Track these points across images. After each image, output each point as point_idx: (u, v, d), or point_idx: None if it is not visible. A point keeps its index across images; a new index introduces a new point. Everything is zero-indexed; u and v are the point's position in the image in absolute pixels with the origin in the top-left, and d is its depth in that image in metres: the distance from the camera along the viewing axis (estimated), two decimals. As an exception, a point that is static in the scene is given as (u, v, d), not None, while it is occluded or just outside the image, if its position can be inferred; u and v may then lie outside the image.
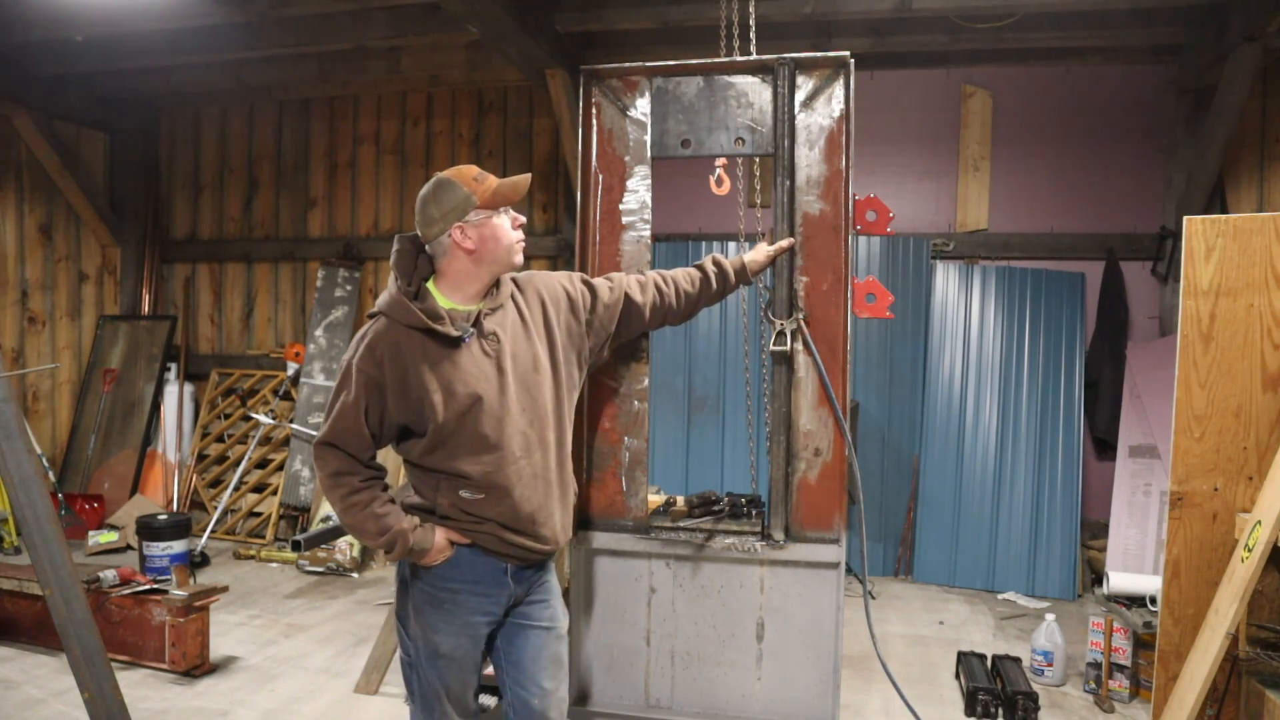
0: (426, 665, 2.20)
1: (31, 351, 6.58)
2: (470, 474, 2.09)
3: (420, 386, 2.06)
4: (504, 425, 2.11)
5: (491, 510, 2.12)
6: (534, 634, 2.27)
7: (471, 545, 2.15)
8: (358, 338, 2.12)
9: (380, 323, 2.11)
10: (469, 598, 2.17)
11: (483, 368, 2.11)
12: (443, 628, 2.17)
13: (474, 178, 2.12)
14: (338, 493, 2.11)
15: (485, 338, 2.13)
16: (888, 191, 5.85)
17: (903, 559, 5.69)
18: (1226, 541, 2.98)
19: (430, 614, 2.17)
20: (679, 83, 2.78)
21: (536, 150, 6.52)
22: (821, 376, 2.65)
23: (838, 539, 2.66)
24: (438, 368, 2.07)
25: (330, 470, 2.12)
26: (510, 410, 2.13)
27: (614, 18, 5.07)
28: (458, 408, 2.06)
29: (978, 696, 3.59)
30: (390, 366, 2.06)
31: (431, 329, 2.06)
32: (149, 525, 5.18)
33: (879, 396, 5.82)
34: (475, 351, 2.12)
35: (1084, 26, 5.07)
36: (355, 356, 2.09)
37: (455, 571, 2.16)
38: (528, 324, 2.22)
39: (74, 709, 3.51)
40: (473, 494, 2.11)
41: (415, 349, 2.07)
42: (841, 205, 2.67)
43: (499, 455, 2.11)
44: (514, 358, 2.16)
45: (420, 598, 2.19)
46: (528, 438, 2.16)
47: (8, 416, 2.66)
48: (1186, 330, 3.03)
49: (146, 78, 6.36)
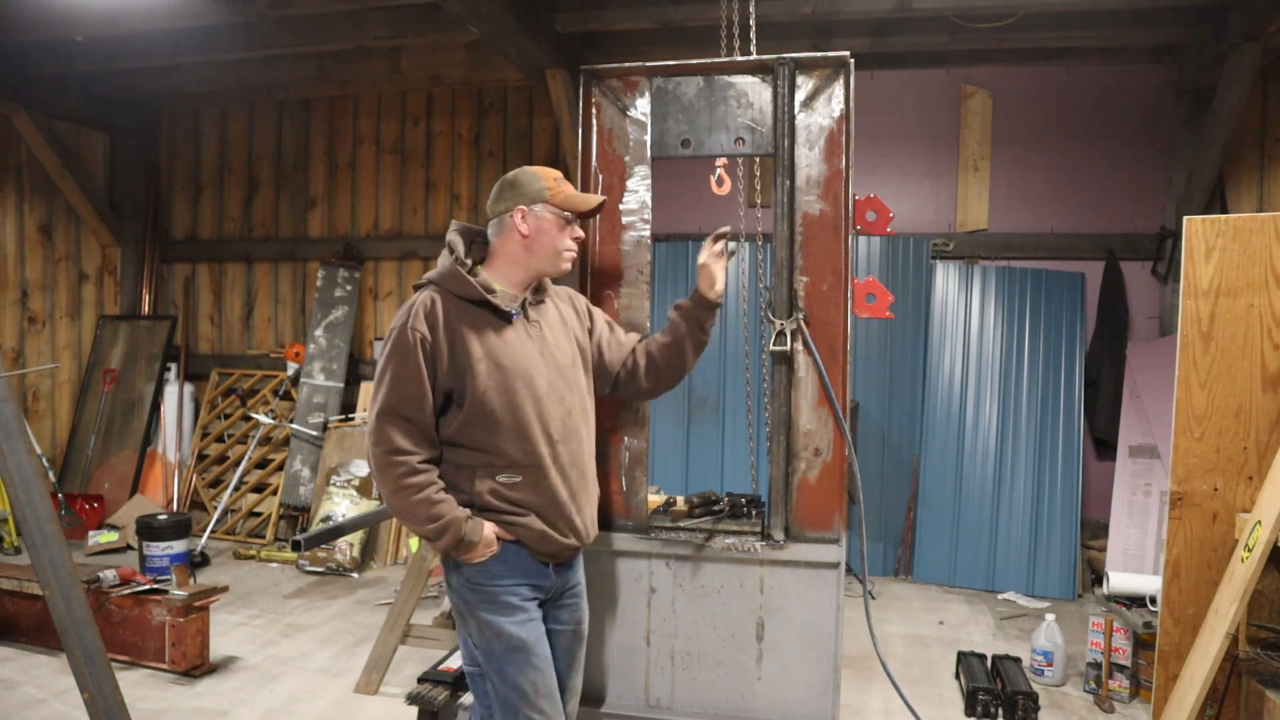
0: (505, 666, 2.13)
1: (31, 351, 6.58)
2: (508, 452, 2.12)
3: (466, 353, 2.10)
4: (543, 406, 2.16)
5: (530, 495, 2.14)
6: (560, 637, 2.31)
7: (515, 542, 2.16)
8: (406, 308, 2.14)
9: (432, 291, 2.16)
10: (522, 586, 2.18)
11: (527, 348, 2.18)
12: (507, 621, 2.14)
13: (555, 178, 2.25)
14: (393, 473, 2.06)
15: (530, 323, 2.22)
16: (888, 191, 5.84)
17: (903, 559, 5.69)
18: (1226, 541, 2.98)
19: (492, 611, 2.15)
20: (679, 83, 2.78)
21: (536, 150, 6.52)
22: (821, 376, 2.65)
23: (838, 539, 2.66)
24: (485, 339, 2.12)
25: (389, 446, 2.06)
26: (550, 394, 2.18)
27: (614, 18, 5.07)
28: (501, 380, 2.11)
29: (978, 696, 3.59)
30: (442, 330, 2.10)
31: (486, 300, 2.14)
32: (149, 525, 5.18)
33: (879, 396, 5.82)
34: (521, 332, 2.19)
35: (1084, 26, 5.07)
36: (408, 322, 2.10)
37: (503, 567, 2.15)
38: (567, 325, 2.33)
39: (74, 709, 3.51)
40: (510, 477, 2.13)
41: (466, 317, 2.13)
42: (841, 205, 2.67)
43: (537, 435, 2.14)
44: (556, 348, 2.25)
45: (477, 600, 2.16)
46: (566, 425, 2.22)
47: (8, 416, 2.66)
48: (1186, 330, 3.03)
49: (146, 78, 6.36)
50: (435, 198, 6.73)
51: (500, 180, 2.26)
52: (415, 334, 2.08)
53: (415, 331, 2.08)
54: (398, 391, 2.08)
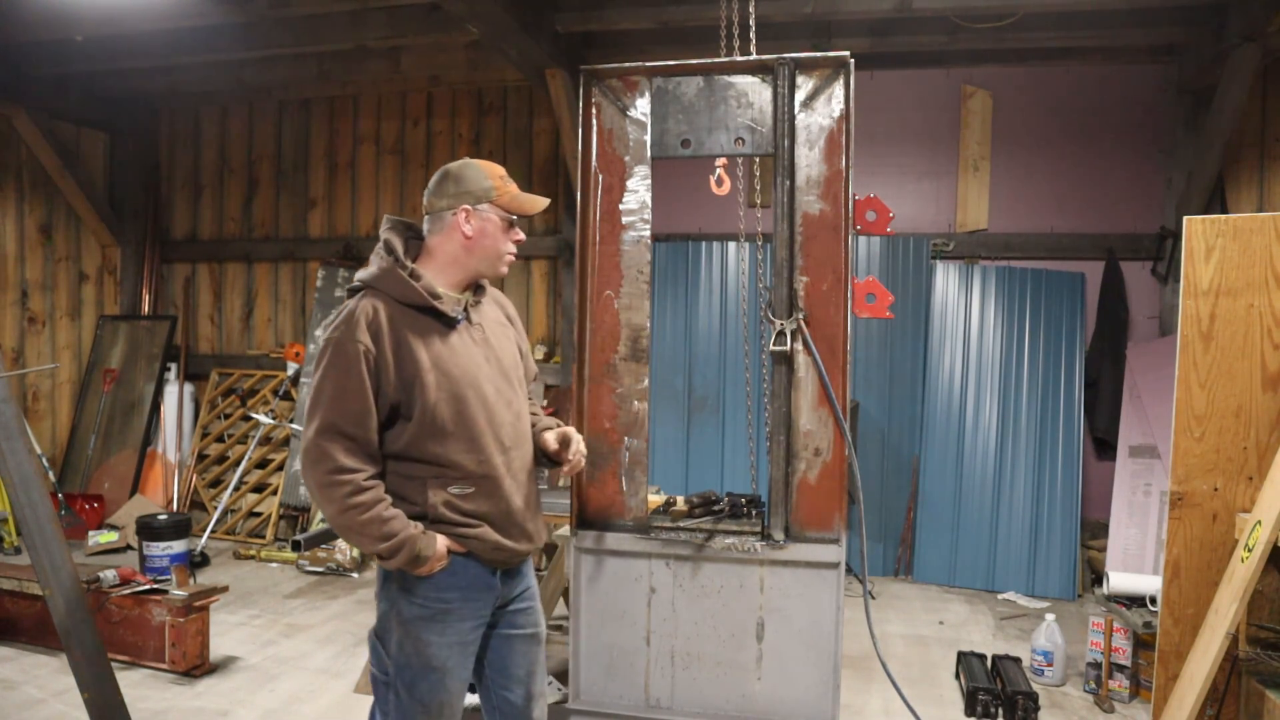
0: (417, 681, 2.07)
1: (31, 351, 6.58)
2: (461, 463, 2.04)
3: (413, 363, 1.99)
4: (494, 414, 2.09)
5: (484, 505, 2.07)
6: (519, 641, 2.25)
7: (465, 554, 2.08)
8: (344, 316, 2.01)
9: (371, 297, 2.03)
10: (462, 605, 2.09)
11: (473, 353, 2.09)
12: (435, 640, 2.07)
13: (501, 176, 2.14)
14: (339, 492, 1.94)
15: (473, 325, 2.13)
16: (888, 191, 5.84)
17: (903, 559, 5.69)
18: (1226, 541, 2.98)
19: (422, 628, 2.07)
20: (679, 83, 2.78)
21: (536, 150, 6.52)
22: (821, 376, 2.65)
23: (838, 539, 2.66)
24: (431, 346, 2.02)
25: (332, 465, 1.94)
26: (499, 400, 2.12)
27: (614, 18, 5.07)
28: (450, 389, 2.02)
29: (978, 696, 3.59)
30: (385, 340, 1.98)
31: (430, 306, 2.03)
32: (149, 525, 5.18)
33: (879, 396, 5.82)
34: (466, 337, 2.10)
35: (1084, 26, 5.07)
36: (345, 332, 1.98)
37: (450, 580, 2.07)
38: (505, 326, 2.26)
39: (74, 709, 3.51)
40: (463, 488, 2.05)
41: (409, 324, 2.02)
42: (841, 205, 2.67)
43: (490, 444, 2.07)
44: (500, 350, 2.18)
45: (411, 612, 2.07)
46: (516, 430, 2.16)
47: (8, 416, 2.67)
48: (1186, 330, 3.03)
49: (146, 78, 6.36)
50: (435, 198, 6.72)
51: (443, 171, 2.13)
52: (358, 346, 1.95)
53: (358, 343, 1.96)
54: (340, 407, 1.95)
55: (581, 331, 2.83)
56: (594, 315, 2.84)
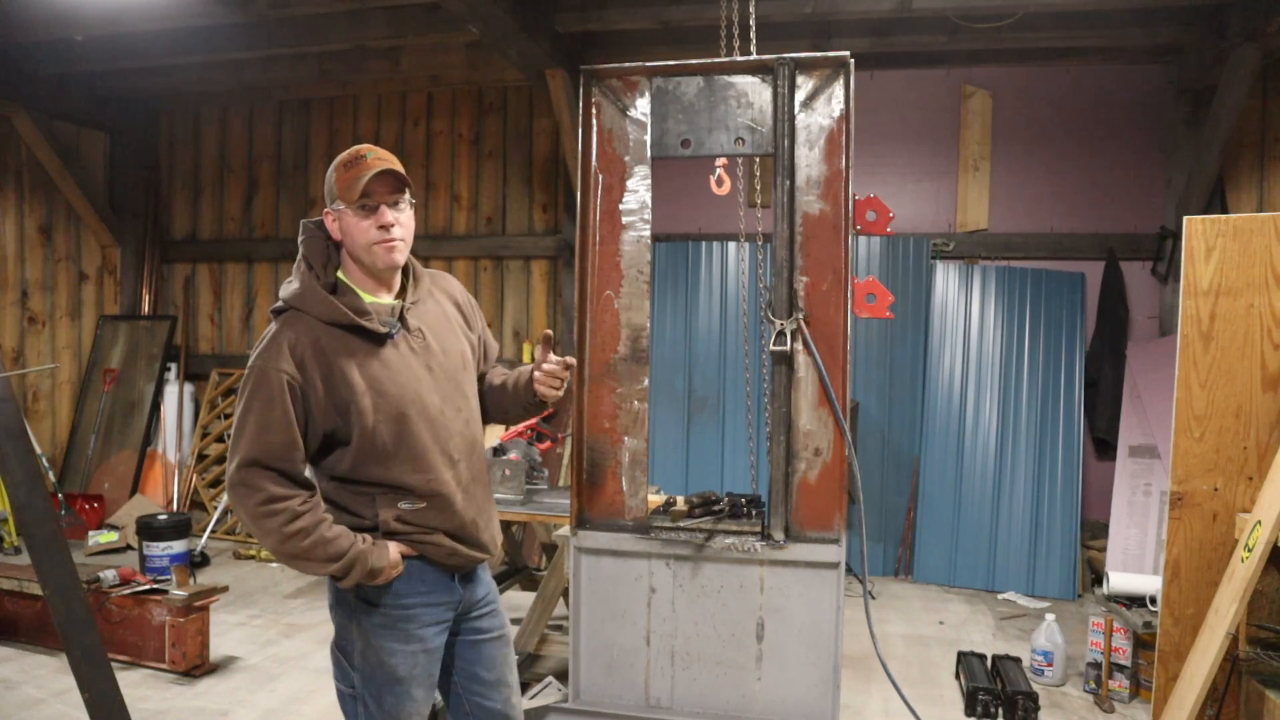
0: (383, 693, 1.99)
1: (31, 351, 6.58)
2: (409, 484, 1.93)
3: (346, 387, 1.86)
4: (439, 429, 1.97)
5: (436, 519, 1.98)
6: (487, 646, 2.16)
7: (419, 557, 1.99)
8: (265, 339, 1.89)
9: (292, 318, 1.89)
10: (424, 610, 2.00)
11: (413, 367, 1.94)
12: (399, 650, 1.97)
13: (344, 163, 1.91)
14: (273, 522, 1.81)
15: (411, 334, 1.97)
16: (888, 191, 5.84)
17: (903, 559, 5.69)
18: (1226, 541, 2.98)
19: (383, 638, 1.97)
20: (679, 83, 2.78)
21: (536, 150, 6.52)
22: (821, 376, 2.65)
23: (838, 539, 2.66)
24: (365, 367, 1.88)
25: (260, 498, 1.82)
26: (445, 412, 1.99)
27: (614, 18, 5.07)
28: (389, 410, 1.89)
29: (978, 696, 3.59)
30: (313, 366, 1.85)
31: (357, 324, 1.88)
32: (149, 525, 5.18)
33: (879, 396, 5.82)
34: (403, 349, 1.95)
35: (1084, 26, 5.08)
36: (268, 360, 1.84)
37: (408, 586, 1.97)
38: (451, 321, 2.09)
39: (74, 709, 3.51)
40: (414, 504, 1.95)
41: (338, 346, 1.87)
42: (841, 205, 2.67)
43: (437, 461, 1.97)
44: (445, 354, 2.02)
45: (371, 623, 1.97)
46: (465, 439, 2.05)
47: (8, 416, 2.66)
48: (1186, 330, 3.03)
49: (146, 78, 6.36)
50: (435, 198, 6.73)
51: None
52: (281, 375, 1.82)
53: (281, 372, 1.82)
54: (262, 441, 1.82)
55: (581, 331, 2.83)
56: (594, 315, 2.84)
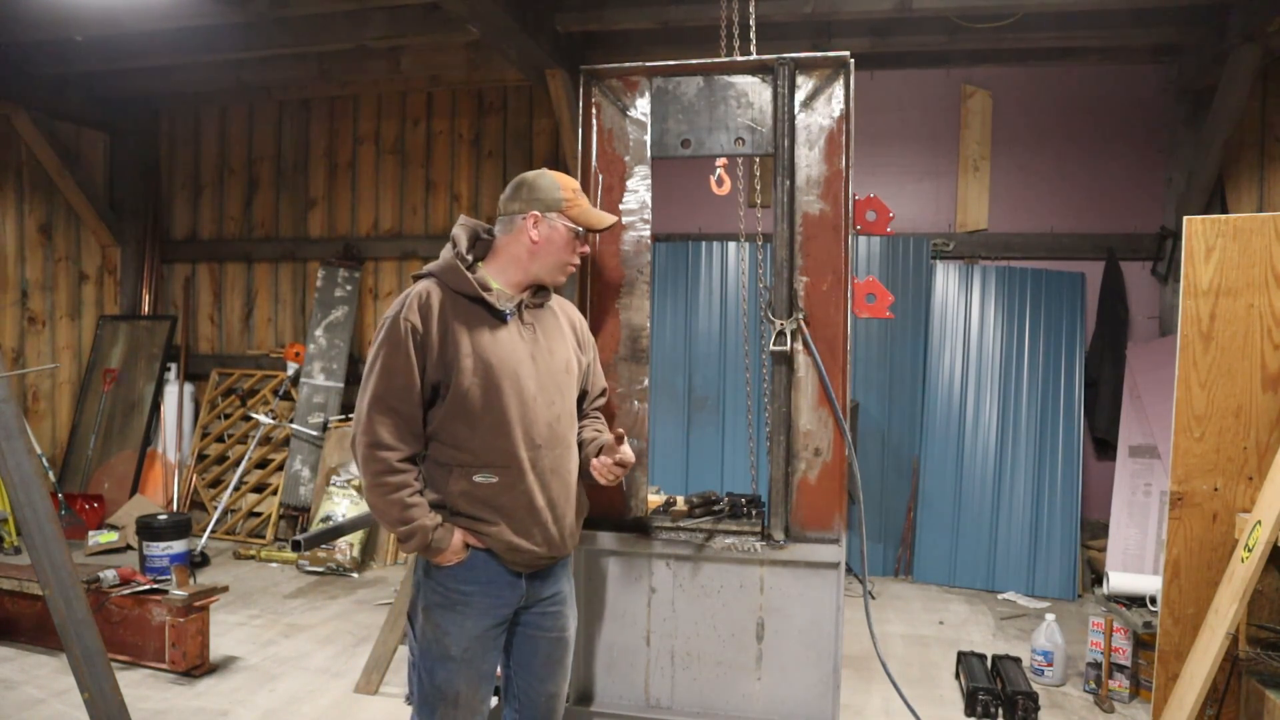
0: (436, 667, 2.14)
1: (31, 351, 6.58)
2: (484, 451, 2.09)
3: (455, 346, 2.08)
4: (529, 409, 2.13)
5: (504, 499, 2.10)
6: (543, 643, 2.27)
7: (486, 550, 2.13)
8: (401, 297, 2.13)
9: (429, 282, 2.15)
10: (481, 599, 2.14)
11: (518, 350, 2.15)
12: (453, 630, 2.12)
13: (574, 189, 2.25)
14: (372, 467, 2.05)
15: (524, 324, 2.19)
16: (888, 191, 5.84)
17: (903, 559, 5.69)
18: (1226, 541, 2.98)
19: (441, 615, 2.13)
20: (679, 83, 2.78)
21: (536, 150, 6.52)
22: (821, 376, 2.65)
23: (838, 539, 2.66)
24: (477, 335, 2.10)
25: (373, 439, 2.05)
26: (537, 398, 2.15)
27: (614, 18, 5.07)
28: (486, 376, 2.08)
29: (978, 696, 3.59)
30: (434, 321, 2.08)
31: (481, 298, 2.12)
32: (149, 525, 5.18)
33: (879, 396, 5.82)
34: (514, 332, 2.16)
35: (1084, 26, 5.07)
36: (400, 312, 2.09)
37: (469, 574, 2.13)
38: (564, 333, 2.30)
39: (74, 709, 3.51)
40: (486, 478, 2.09)
41: (459, 312, 2.11)
42: (841, 205, 2.67)
43: (517, 436, 2.11)
44: (550, 353, 2.22)
45: (432, 598, 2.15)
46: (553, 430, 2.18)
47: (8, 416, 2.66)
48: (1186, 330, 3.03)
49: (146, 78, 6.36)
50: (435, 198, 6.73)
51: (519, 179, 2.25)
52: (407, 324, 2.06)
53: (407, 321, 2.06)
54: (387, 381, 2.06)
55: (581, 331, 2.83)
56: (594, 315, 2.84)
